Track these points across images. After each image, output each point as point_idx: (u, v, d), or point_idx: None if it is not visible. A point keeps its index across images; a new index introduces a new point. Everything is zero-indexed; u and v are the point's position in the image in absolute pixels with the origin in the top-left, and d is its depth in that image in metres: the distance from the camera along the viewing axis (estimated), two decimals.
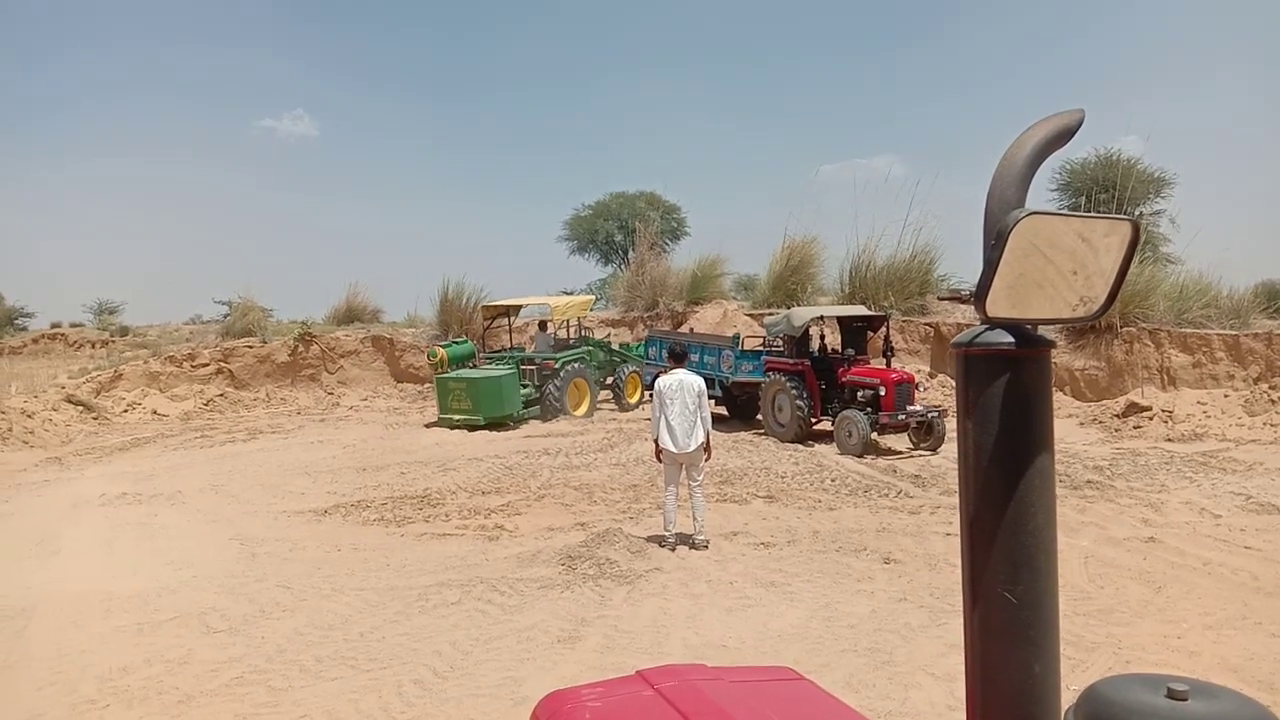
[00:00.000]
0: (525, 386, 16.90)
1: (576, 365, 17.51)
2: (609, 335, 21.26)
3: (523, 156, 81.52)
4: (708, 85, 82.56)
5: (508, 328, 19.97)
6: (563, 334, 18.87)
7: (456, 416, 16.16)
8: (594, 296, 23.33)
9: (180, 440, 15.67)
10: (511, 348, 19.00)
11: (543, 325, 18.76)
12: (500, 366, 17.09)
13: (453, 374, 16.67)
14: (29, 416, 16.30)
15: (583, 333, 19.37)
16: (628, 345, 20.63)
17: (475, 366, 17.53)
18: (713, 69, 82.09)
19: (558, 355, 17.45)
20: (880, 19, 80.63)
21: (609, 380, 18.74)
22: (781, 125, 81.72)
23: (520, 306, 19.68)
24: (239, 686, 5.24)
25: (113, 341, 29.86)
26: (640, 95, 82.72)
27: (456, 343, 18.65)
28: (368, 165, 79.69)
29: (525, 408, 16.72)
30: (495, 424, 16.17)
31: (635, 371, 18.66)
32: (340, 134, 77.92)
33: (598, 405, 18.02)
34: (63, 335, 35.31)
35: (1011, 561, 0.99)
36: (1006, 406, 0.99)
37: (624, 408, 18.22)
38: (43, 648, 5.92)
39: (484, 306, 19.73)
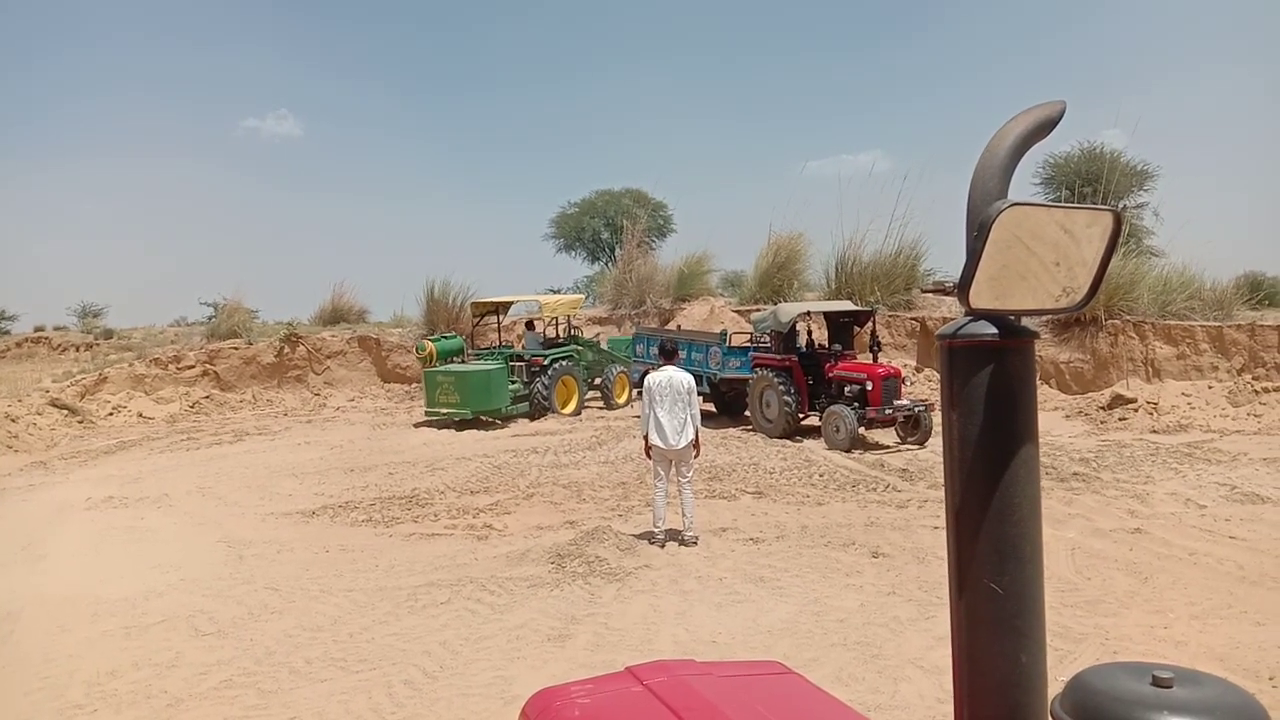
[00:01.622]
0: (513, 383, 16.88)
1: (565, 363, 17.54)
2: (598, 335, 21.24)
3: (508, 154, 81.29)
4: (693, 82, 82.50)
5: (496, 326, 19.98)
6: (552, 333, 18.89)
7: (444, 410, 16.12)
8: (583, 296, 23.27)
9: (166, 443, 15.57)
10: (500, 346, 18.99)
11: (531, 324, 18.77)
12: (489, 361, 17.08)
13: (441, 368, 16.65)
14: (13, 421, 16.15)
15: (571, 332, 19.38)
16: (616, 340, 20.65)
17: (464, 362, 17.51)
18: (698, 65, 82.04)
19: (546, 352, 17.46)
20: (865, 14, 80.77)
21: (597, 380, 18.74)
22: (767, 121, 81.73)
23: (510, 304, 19.67)
24: (228, 689, 5.21)
25: (97, 344, 29.60)
26: (625, 92, 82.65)
27: (445, 337, 18.59)
28: (353, 165, 79.26)
29: (513, 404, 16.70)
30: (483, 419, 16.15)
31: (623, 372, 18.64)
32: (325, 134, 77.44)
33: (585, 404, 18.04)
34: (46, 339, 35.01)
35: (997, 551, 1.00)
36: (991, 397, 0.99)
37: (612, 407, 18.23)
38: (30, 653, 5.87)
39: (473, 304, 19.70)
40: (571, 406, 17.50)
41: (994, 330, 1.00)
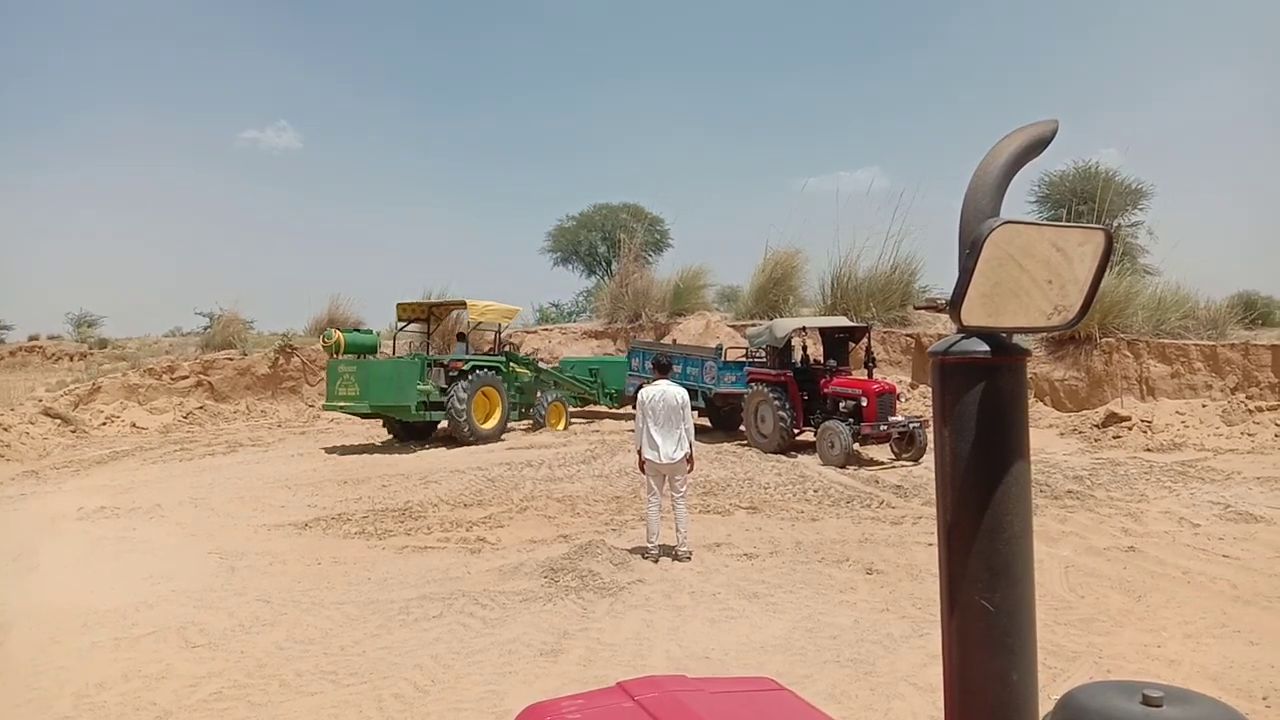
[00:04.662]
0: (424, 385, 15.51)
1: (487, 372, 16.26)
2: (535, 351, 20.65)
3: (507, 167, 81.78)
4: (691, 98, 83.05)
5: (426, 333, 18.59)
6: (488, 349, 18.08)
7: (342, 403, 15.37)
8: (519, 308, 21.58)
9: (159, 453, 15.51)
10: (428, 354, 17.58)
11: (461, 336, 18.10)
12: (400, 358, 16.35)
13: (345, 359, 15.80)
14: (5, 430, 16.11)
15: (505, 347, 18.33)
16: (571, 361, 20.03)
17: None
18: (696, 81, 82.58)
19: (467, 357, 16.44)
20: (864, 32, 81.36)
21: (529, 409, 17.62)
22: (766, 137, 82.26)
23: (448, 308, 18.92)
24: (218, 702, 5.17)
25: (91, 354, 29.58)
26: (624, 107, 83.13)
27: (359, 330, 17.97)
28: (351, 177, 79.61)
29: (425, 410, 15.48)
30: (399, 441, 15.79)
31: (559, 400, 17.69)
32: (324, 146, 77.85)
33: (508, 426, 16.87)
34: (41, 348, 35.02)
35: (989, 569, 0.99)
36: (983, 414, 1.00)
37: (538, 427, 17.28)
38: (19, 663, 5.83)
39: (399, 305, 17.93)
40: (493, 423, 16.25)
41: (986, 347, 1.00)
